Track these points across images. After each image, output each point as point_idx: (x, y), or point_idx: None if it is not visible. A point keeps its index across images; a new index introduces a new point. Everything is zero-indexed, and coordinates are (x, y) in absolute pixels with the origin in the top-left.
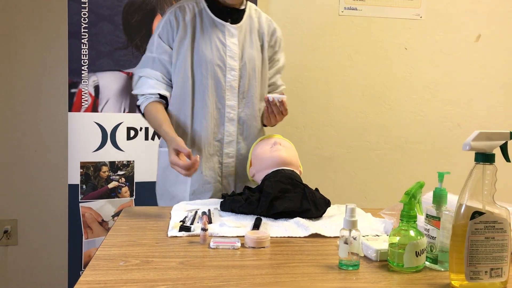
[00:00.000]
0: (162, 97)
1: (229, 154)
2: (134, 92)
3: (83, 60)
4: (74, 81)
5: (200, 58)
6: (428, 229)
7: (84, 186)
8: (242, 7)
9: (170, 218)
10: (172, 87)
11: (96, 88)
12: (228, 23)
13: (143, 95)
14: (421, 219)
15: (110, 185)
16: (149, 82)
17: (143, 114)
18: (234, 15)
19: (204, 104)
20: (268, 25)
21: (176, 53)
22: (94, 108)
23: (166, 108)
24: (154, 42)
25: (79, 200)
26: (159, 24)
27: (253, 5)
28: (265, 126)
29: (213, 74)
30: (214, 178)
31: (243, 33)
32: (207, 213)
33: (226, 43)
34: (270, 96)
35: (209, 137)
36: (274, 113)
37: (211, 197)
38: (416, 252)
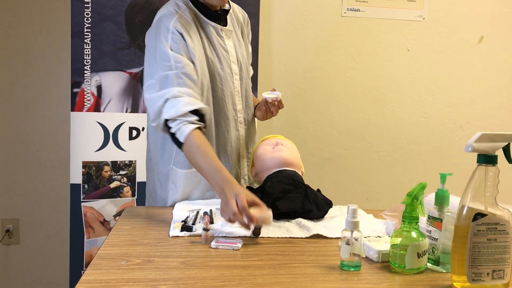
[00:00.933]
0: (199, 117)
1: (243, 156)
2: (165, 117)
3: (85, 60)
4: (77, 81)
5: (213, 70)
6: (430, 231)
7: (86, 186)
8: (227, 7)
9: (172, 218)
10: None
11: (99, 88)
12: (222, 27)
13: (176, 119)
14: (423, 221)
15: (112, 185)
16: (181, 101)
17: (180, 144)
18: (223, 16)
19: (225, 115)
20: (242, 15)
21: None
22: (96, 107)
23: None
24: (169, 58)
25: (81, 200)
26: (161, 37)
27: None
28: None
29: (227, 84)
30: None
31: (233, 33)
32: (209, 213)
33: (227, 48)
34: (268, 97)
35: (233, 144)
36: (271, 111)
37: None
38: (418, 253)
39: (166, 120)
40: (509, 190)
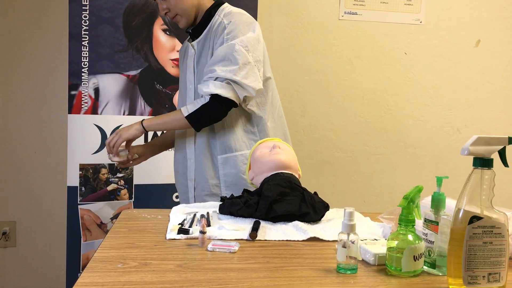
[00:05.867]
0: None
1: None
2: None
3: (83, 62)
4: (74, 83)
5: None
6: (426, 234)
7: (83, 188)
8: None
9: (168, 220)
10: None
11: (96, 90)
12: (191, 42)
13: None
14: (419, 224)
15: (109, 188)
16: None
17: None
18: (196, 32)
19: None
20: (218, 26)
21: None
22: (94, 110)
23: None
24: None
25: (78, 202)
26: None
27: (224, 8)
28: None
29: (187, 97)
30: None
31: (201, 44)
32: (206, 216)
33: (194, 63)
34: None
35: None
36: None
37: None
38: (414, 256)
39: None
40: (505, 193)
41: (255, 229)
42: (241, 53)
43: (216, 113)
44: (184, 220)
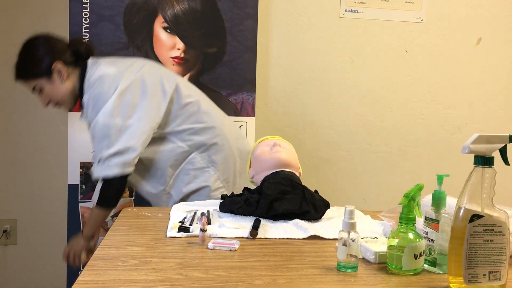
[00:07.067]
0: None
1: None
2: None
3: None
4: None
5: None
6: (427, 232)
7: (83, 186)
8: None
9: (169, 218)
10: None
11: None
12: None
13: None
14: (420, 222)
15: None
16: None
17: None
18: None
19: None
20: (86, 103)
21: None
22: None
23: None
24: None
25: (79, 200)
26: None
27: (89, 79)
28: None
29: None
30: None
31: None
32: (206, 214)
33: None
34: None
35: None
36: None
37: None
38: (414, 254)
39: None
40: (506, 191)
41: (255, 227)
42: (106, 126)
43: (117, 188)
44: (185, 218)
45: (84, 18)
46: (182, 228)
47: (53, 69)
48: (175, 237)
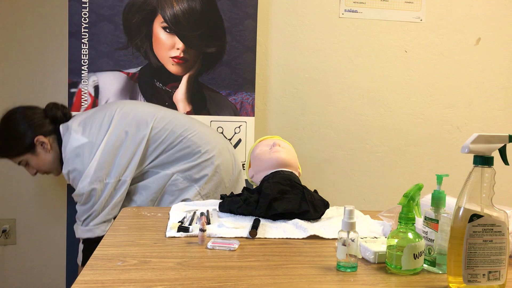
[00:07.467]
0: None
1: None
2: None
3: (83, 60)
4: (74, 81)
5: None
6: (427, 232)
7: None
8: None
9: (168, 218)
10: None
11: (96, 88)
12: None
13: None
14: (419, 222)
15: None
16: None
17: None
18: None
19: None
20: None
21: None
22: (93, 108)
23: None
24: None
25: None
26: None
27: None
28: None
29: None
30: None
31: None
32: (206, 214)
33: None
34: None
35: None
36: None
37: None
38: (414, 254)
39: None
40: (505, 191)
41: (255, 227)
42: (87, 192)
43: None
44: (184, 218)
45: (83, 18)
46: (182, 228)
47: (36, 143)
48: (174, 237)
